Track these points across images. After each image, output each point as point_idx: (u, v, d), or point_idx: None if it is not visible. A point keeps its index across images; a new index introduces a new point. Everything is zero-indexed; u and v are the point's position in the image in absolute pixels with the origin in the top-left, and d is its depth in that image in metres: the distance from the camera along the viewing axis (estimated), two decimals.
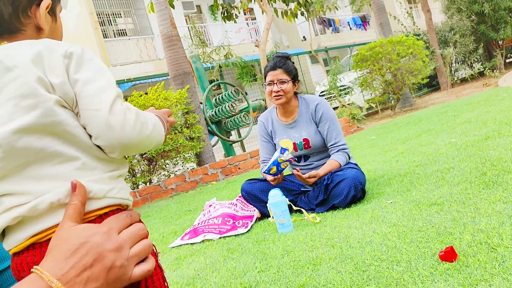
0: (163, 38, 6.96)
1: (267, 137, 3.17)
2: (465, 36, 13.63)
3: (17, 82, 0.76)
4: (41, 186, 0.77)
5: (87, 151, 0.81)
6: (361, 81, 10.11)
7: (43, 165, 0.77)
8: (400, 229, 1.96)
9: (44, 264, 0.68)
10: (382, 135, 6.18)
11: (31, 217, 0.76)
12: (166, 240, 3.21)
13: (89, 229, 0.72)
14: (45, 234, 0.76)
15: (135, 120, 0.83)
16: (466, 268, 1.40)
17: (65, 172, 0.78)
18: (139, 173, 6.28)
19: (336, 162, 2.87)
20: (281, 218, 2.56)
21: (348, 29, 21.92)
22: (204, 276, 2.12)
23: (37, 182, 0.77)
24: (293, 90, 3.02)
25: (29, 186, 0.76)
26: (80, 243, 0.69)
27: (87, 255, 0.68)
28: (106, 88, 0.82)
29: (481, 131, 3.73)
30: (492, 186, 2.16)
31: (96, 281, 0.68)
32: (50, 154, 0.77)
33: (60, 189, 0.77)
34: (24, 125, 0.75)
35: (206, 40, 15.59)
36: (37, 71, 0.77)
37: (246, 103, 7.36)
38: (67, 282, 0.66)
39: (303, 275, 1.77)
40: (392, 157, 3.92)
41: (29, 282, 0.66)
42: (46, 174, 0.77)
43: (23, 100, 0.75)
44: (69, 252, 0.68)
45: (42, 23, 0.86)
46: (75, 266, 0.67)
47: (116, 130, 0.80)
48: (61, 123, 0.78)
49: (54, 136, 0.78)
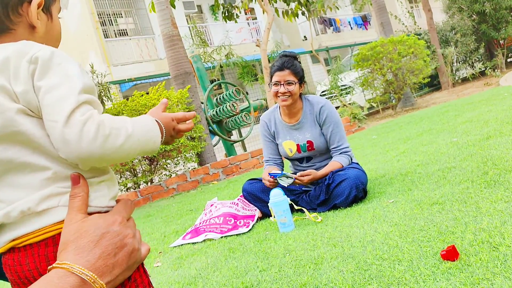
0: (164, 38, 6.96)
1: (270, 137, 3.15)
2: (466, 36, 13.62)
3: None
4: (14, 195, 0.76)
5: (59, 160, 0.78)
6: (362, 80, 10.11)
7: (15, 175, 0.76)
8: (401, 228, 1.96)
9: (69, 258, 0.69)
10: (383, 134, 6.18)
11: (7, 224, 0.77)
12: (168, 239, 3.21)
13: (106, 220, 0.74)
14: (21, 240, 0.77)
15: (95, 132, 0.76)
16: (468, 267, 1.40)
17: (35, 182, 0.76)
18: (140, 173, 6.28)
19: (338, 163, 2.87)
20: (283, 217, 2.56)
21: (349, 29, 21.91)
22: (205, 276, 2.12)
23: (11, 191, 0.76)
24: (299, 91, 2.96)
25: (5, 193, 0.76)
26: (101, 234, 0.72)
27: (110, 244, 0.71)
28: (66, 97, 0.76)
29: (482, 130, 3.73)
30: (494, 185, 2.16)
31: (120, 267, 0.72)
32: (19, 164, 0.76)
33: (30, 198, 0.76)
34: None
35: (207, 40, 15.59)
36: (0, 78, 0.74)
37: (247, 102, 7.36)
38: (98, 273, 0.69)
39: (305, 274, 1.77)
40: (393, 157, 3.92)
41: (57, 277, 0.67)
42: (18, 184, 0.76)
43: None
44: (92, 244, 0.70)
45: (34, 21, 0.82)
46: (101, 257, 0.70)
47: (71, 144, 0.75)
48: (25, 133, 0.75)
49: (21, 146, 0.76)
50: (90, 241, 0.71)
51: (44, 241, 0.77)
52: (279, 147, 3.11)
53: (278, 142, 3.11)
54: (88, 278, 0.68)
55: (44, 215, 0.77)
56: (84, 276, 0.68)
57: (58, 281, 0.67)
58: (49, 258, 0.77)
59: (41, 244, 0.77)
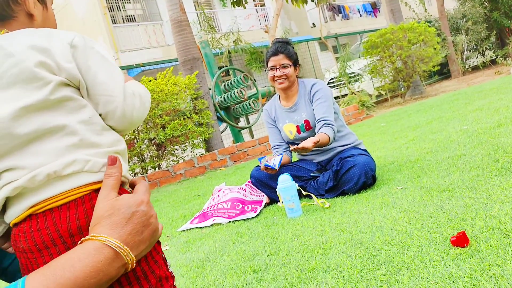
0: (173, 23, 6.93)
1: (273, 123, 3.19)
2: (477, 23, 13.43)
3: (18, 67, 0.80)
4: (40, 160, 0.80)
5: (86, 128, 0.85)
6: (371, 68, 10.02)
7: (43, 141, 0.81)
8: (410, 215, 1.95)
9: (104, 232, 0.75)
10: (392, 122, 6.14)
11: (29, 189, 0.81)
12: (176, 224, 3.23)
13: (135, 199, 0.81)
14: (41, 205, 0.81)
15: (139, 101, 0.94)
16: (478, 253, 1.39)
17: (61, 148, 0.82)
18: (148, 158, 6.30)
19: (325, 135, 2.74)
20: (291, 203, 2.56)
21: (358, 16, 21.67)
22: (213, 259, 2.13)
23: (36, 157, 0.81)
24: (295, 74, 3.05)
25: (28, 161, 0.80)
26: (132, 212, 0.79)
27: (139, 222, 0.78)
28: (116, 75, 0.90)
29: (493, 118, 3.69)
30: (505, 173, 2.14)
31: (145, 244, 0.79)
32: (50, 129, 0.81)
33: (57, 162, 0.80)
34: (28, 104, 0.80)
35: (215, 26, 15.51)
36: (37, 55, 0.82)
37: (255, 89, 7.33)
38: (129, 247, 0.76)
39: (313, 259, 1.77)
40: (402, 144, 3.89)
41: (91, 251, 0.72)
42: (45, 149, 0.81)
43: (26, 84, 0.80)
44: (124, 220, 0.77)
45: (32, 10, 0.89)
46: (131, 233, 0.77)
47: (128, 114, 0.90)
48: (62, 101, 0.83)
49: (55, 112, 0.82)
50: (122, 218, 0.77)
51: (66, 205, 0.81)
52: (281, 132, 3.13)
53: (279, 127, 3.15)
54: (122, 251, 0.75)
55: (68, 179, 0.82)
56: (118, 249, 0.74)
57: (94, 252, 0.72)
58: (70, 220, 0.81)
59: (63, 207, 0.81)
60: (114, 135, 0.91)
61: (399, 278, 1.39)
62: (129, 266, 0.77)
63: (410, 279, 1.37)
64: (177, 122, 6.17)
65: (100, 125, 0.88)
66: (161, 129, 6.19)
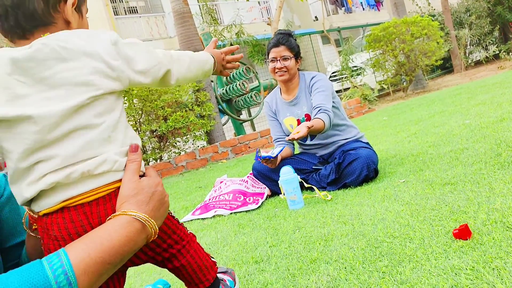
0: (175, 14, 6.90)
1: (274, 116, 3.17)
2: (481, 18, 13.36)
3: (72, 73, 0.90)
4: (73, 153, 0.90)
5: (114, 126, 0.96)
6: (374, 62, 9.98)
7: (79, 136, 0.90)
8: (413, 208, 1.95)
9: (133, 208, 0.90)
10: (394, 116, 6.13)
11: (63, 184, 0.90)
12: (177, 215, 3.24)
13: (154, 181, 0.96)
14: (74, 200, 0.91)
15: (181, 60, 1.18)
16: (480, 246, 1.39)
17: (94, 142, 0.92)
18: (150, 150, 6.31)
19: (320, 120, 2.66)
20: (292, 195, 2.57)
21: (361, 10, 21.58)
22: (215, 250, 2.14)
23: (71, 149, 0.90)
24: (296, 66, 3.01)
25: (63, 153, 0.89)
26: (152, 192, 0.93)
27: (157, 200, 0.93)
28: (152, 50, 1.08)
29: (496, 112, 3.68)
30: (508, 167, 2.13)
31: (160, 219, 0.95)
32: (86, 126, 0.91)
33: (90, 162, 0.90)
34: (76, 104, 0.89)
35: (218, 18, 15.44)
36: (91, 62, 0.92)
37: (257, 82, 7.31)
38: None
39: (315, 250, 1.77)
40: (404, 138, 3.89)
41: (124, 223, 0.86)
42: (79, 144, 0.90)
43: (75, 87, 0.90)
44: (147, 199, 0.91)
45: (69, 17, 0.98)
46: (153, 209, 0.91)
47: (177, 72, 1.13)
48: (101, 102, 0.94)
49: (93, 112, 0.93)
50: (146, 196, 0.92)
51: (96, 201, 0.93)
52: (282, 125, 3.11)
53: (280, 120, 3.13)
54: (148, 224, 0.89)
55: (98, 178, 0.92)
56: (146, 222, 0.89)
57: (127, 224, 0.86)
58: (100, 215, 0.92)
59: (93, 203, 0.92)
60: (132, 132, 1.03)
61: (401, 270, 1.40)
62: (151, 237, 0.92)
63: (412, 271, 1.37)
64: (179, 114, 6.17)
65: (124, 124, 1.00)
66: (163, 121, 6.19)
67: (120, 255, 0.83)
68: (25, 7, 0.91)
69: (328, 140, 2.98)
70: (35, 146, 0.87)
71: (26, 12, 0.92)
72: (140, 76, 1.01)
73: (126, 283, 2.08)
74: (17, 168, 0.89)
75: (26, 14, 0.92)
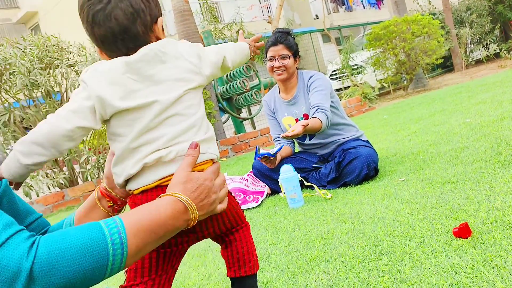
0: (176, 12, 6.89)
1: (273, 115, 3.15)
2: (481, 16, 13.34)
3: (171, 71, 1.13)
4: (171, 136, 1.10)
5: (201, 114, 1.17)
6: (374, 60, 9.97)
7: (179, 120, 1.11)
8: (413, 206, 1.95)
9: (178, 191, 1.01)
10: (394, 114, 6.13)
11: (161, 163, 1.09)
12: None
13: (203, 176, 1.08)
14: (167, 179, 1.08)
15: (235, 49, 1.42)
16: (480, 244, 1.39)
17: (187, 129, 1.12)
18: None
19: (318, 120, 2.64)
20: (293, 193, 2.56)
21: (361, 8, 21.57)
22: (215, 248, 2.14)
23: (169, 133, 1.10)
24: (295, 65, 2.97)
25: (166, 134, 1.09)
26: (199, 184, 1.05)
27: (202, 192, 1.05)
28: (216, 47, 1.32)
29: (496, 111, 3.68)
30: (508, 166, 2.13)
31: (203, 210, 1.04)
32: (183, 113, 1.12)
33: (183, 145, 1.10)
34: (179, 94, 1.11)
35: (218, 16, 15.42)
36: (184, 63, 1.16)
37: (258, 80, 7.31)
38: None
39: (315, 249, 1.77)
40: (404, 136, 3.89)
41: (170, 202, 0.99)
42: (178, 128, 1.11)
43: (176, 82, 1.13)
44: (194, 188, 1.03)
45: (161, 35, 1.19)
46: (197, 198, 1.03)
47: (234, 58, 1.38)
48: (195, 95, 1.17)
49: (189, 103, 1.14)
50: (193, 185, 1.04)
51: None
52: (280, 125, 3.09)
53: (278, 119, 3.11)
54: (190, 207, 1.00)
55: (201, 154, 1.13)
56: (188, 205, 1.00)
57: (172, 203, 0.98)
58: None
59: None
60: (209, 123, 1.22)
61: (401, 268, 1.40)
62: (191, 222, 1.02)
63: (412, 269, 1.37)
64: None
65: (205, 116, 1.20)
66: None
67: (164, 228, 0.96)
68: (131, 31, 1.12)
69: (327, 140, 2.98)
70: (145, 129, 1.08)
71: (131, 35, 1.12)
72: (213, 67, 1.25)
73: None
74: (127, 148, 1.09)
75: (131, 36, 1.12)
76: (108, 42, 1.13)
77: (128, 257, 0.89)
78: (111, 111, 1.08)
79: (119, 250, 0.86)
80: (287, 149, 3.08)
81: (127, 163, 1.11)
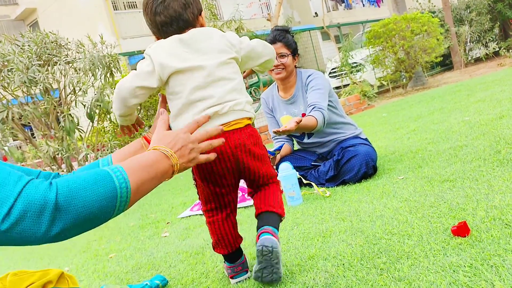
0: None
1: (271, 113, 3.14)
2: (481, 15, 13.32)
3: (220, 44, 1.53)
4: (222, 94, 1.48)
5: (242, 83, 1.58)
6: (373, 58, 9.96)
7: (224, 83, 1.50)
8: (411, 204, 1.94)
9: (160, 145, 1.23)
10: (393, 112, 6.12)
11: (218, 115, 1.47)
12: (176, 210, 3.23)
13: (177, 131, 1.28)
14: (228, 124, 1.49)
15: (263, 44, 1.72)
16: (479, 243, 1.39)
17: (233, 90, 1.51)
18: None
19: (313, 118, 2.62)
20: (291, 191, 2.56)
21: (361, 6, 21.57)
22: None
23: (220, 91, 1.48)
24: (293, 64, 2.95)
25: (216, 94, 1.48)
26: (174, 136, 1.25)
27: (177, 142, 1.24)
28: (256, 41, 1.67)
29: (495, 110, 3.68)
30: (507, 164, 2.13)
31: (183, 158, 1.24)
32: (227, 77, 1.51)
33: (233, 102, 1.49)
34: (221, 60, 1.51)
35: (217, 14, 15.38)
36: (223, 40, 1.54)
37: (257, 78, 7.30)
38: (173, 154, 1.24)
39: (313, 247, 1.77)
40: (403, 134, 3.88)
41: (152, 151, 1.20)
42: (225, 88, 1.49)
43: (219, 53, 1.52)
44: (169, 140, 1.24)
45: (204, 23, 1.61)
46: (173, 147, 1.23)
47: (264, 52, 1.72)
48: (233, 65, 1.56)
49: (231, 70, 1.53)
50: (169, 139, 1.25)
51: (239, 129, 1.52)
52: (278, 123, 3.08)
53: (276, 118, 3.09)
54: (170, 155, 1.20)
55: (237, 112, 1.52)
56: (166, 152, 1.20)
57: (154, 152, 1.20)
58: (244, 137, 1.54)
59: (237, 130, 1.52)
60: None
61: (399, 267, 1.39)
62: (176, 167, 1.21)
63: (410, 267, 1.37)
64: None
65: (242, 81, 1.59)
66: None
67: (155, 168, 1.15)
68: (184, 17, 1.53)
69: (326, 138, 2.97)
70: (200, 85, 1.46)
71: (184, 19, 1.53)
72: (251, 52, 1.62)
73: (123, 279, 2.08)
74: (187, 101, 1.46)
75: (184, 21, 1.54)
76: (167, 25, 1.53)
77: (132, 191, 1.07)
78: (169, 71, 1.46)
79: (124, 184, 1.05)
80: (286, 148, 3.08)
81: (186, 116, 1.48)
